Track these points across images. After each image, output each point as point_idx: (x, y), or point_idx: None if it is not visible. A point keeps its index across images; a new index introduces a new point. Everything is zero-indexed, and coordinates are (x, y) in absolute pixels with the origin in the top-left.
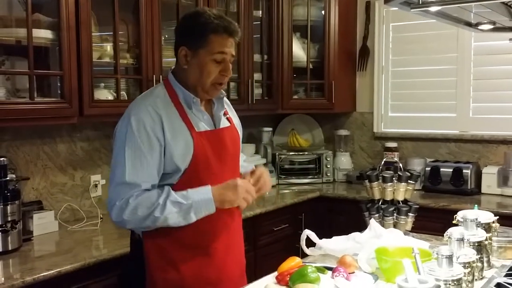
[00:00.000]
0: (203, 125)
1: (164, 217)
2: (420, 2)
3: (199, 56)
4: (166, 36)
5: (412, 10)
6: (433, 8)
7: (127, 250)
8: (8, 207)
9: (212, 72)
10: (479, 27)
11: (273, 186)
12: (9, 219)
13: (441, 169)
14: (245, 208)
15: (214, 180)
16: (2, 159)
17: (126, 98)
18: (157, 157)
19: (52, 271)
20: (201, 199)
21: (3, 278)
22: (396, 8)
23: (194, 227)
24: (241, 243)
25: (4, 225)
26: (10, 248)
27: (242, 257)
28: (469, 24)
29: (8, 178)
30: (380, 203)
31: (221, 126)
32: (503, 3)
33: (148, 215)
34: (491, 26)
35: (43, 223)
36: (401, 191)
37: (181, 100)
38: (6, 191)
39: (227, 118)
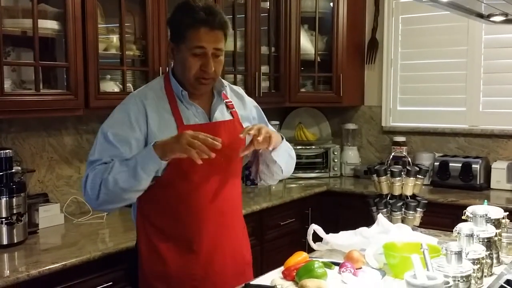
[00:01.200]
0: (194, 119)
1: (114, 179)
2: None
3: (181, 51)
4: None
5: (424, 0)
6: None
7: (133, 243)
8: (14, 200)
9: (192, 67)
10: (491, 19)
11: (280, 180)
12: (15, 211)
13: (450, 164)
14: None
15: (201, 175)
16: (7, 151)
17: (132, 90)
18: (133, 144)
19: (58, 264)
20: (144, 153)
21: (8, 271)
22: (407, 0)
23: (178, 219)
24: (239, 241)
25: (9, 218)
26: (15, 241)
27: (239, 256)
28: (480, 16)
29: (13, 171)
30: (388, 198)
31: (219, 120)
32: None
33: (100, 182)
34: (503, 18)
35: (49, 216)
36: (409, 186)
37: (174, 93)
38: (11, 184)
39: (231, 112)
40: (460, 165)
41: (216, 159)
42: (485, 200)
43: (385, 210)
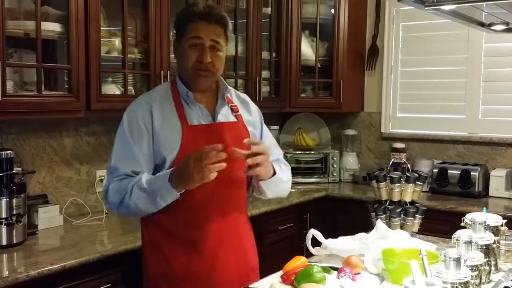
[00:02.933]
0: (198, 120)
1: (134, 203)
2: (434, 0)
3: (181, 45)
4: (175, 31)
5: (426, 8)
6: (447, 7)
7: (132, 245)
8: (14, 200)
9: (189, 58)
10: (492, 28)
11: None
12: (14, 212)
13: (449, 171)
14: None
15: None
16: (8, 152)
17: (134, 93)
18: (144, 144)
19: (57, 266)
20: (161, 186)
21: (7, 272)
22: (407, 7)
23: (183, 220)
24: (243, 244)
25: (9, 218)
26: (14, 242)
27: (243, 260)
28: (481, 24)
29: (14, 171)
30: (387, 204)
31: (222, 121)
32: None
33: (121, 201)
34: (504, 27)
35: (48, 217)
36: (408, 192)
37: (181, 95)
38: (11, 184)
39: (236, 115)
40: (459, 172)
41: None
42: (484, 208)
43: (384, 216)
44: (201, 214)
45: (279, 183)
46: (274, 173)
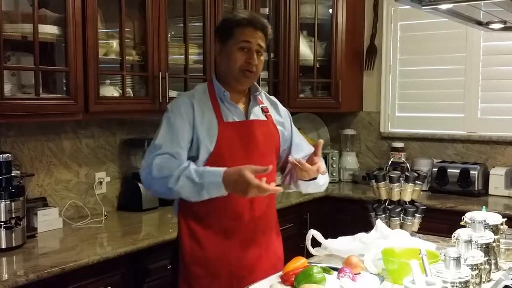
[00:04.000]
0: (232, 117)
1: (177, 190)
2: (431, 0)
3: (227, 47)
4: (173, 33)
5: (423, 7)
6: (444, 6)
7: (131, 248)
8: (13, 204)
9: (238, 60)
10: (490, 26)
11: (277, 185)
12: (14, 215)
13: (448, 170)
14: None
15: None
16: (6, 155)
17: (132, 95)
18: (187, 130)
19: (56, 268)
20: (212, 182)
21: (6, 275)
22: (405, 7)
23: (218, 210)
24: (273, 236)
25: (8, 222)
26: (14, 245)
27: (272, 250)
28: (479, 23)
29: (12, 175)
30: (386, 203)
31: (254, 119)
32: None
33: (164, 183)
34: (501, 25)
35: (47, 220)
36: (408, 191)
37: (216, 95)
38: (10, 187)
39: (266, 115)
40: (458, 171)
41: (257, 155)
42: (484, 206)
43: (383, 215)
44: (238, 204)
45: (315, 186)
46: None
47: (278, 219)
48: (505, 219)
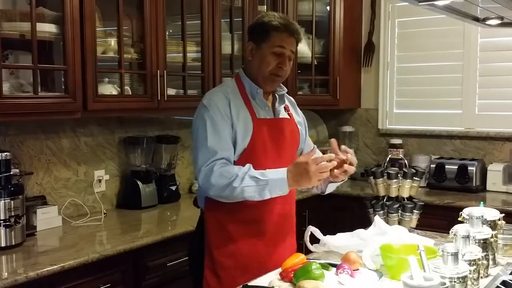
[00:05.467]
0: (263, 114)
1: (241, 188)
2: None
3: (261, 49)
4: (171, 31)
5: (420, 4)
6: (441, 2)
7: (130, 245)
8: (12, 202)
9: (270, 63)
10: (487, 22)
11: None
12: (13, 213)
13: (446, 166)
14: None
15: (270, 163)
16: (5, 153)
17: (130, 93)
18: (229, 129)
19: (56, 266)
20: (277, 178)
21: (6, 273)
22: (402, 3)
23: (248, 205)
24: (293, 229)
25: (7, 220)
26: (13, 243)
27: (293, 242)
28: (476, 19)
29: (12, 173)
30: (385, 200)
31: (281, 117)
32: None
33: (227, 184)
34: (498, 21)
35: (47, 218)
36: (406, 188)
37: (247, 91)
38: (10, 186)
39: (288, 114)
40: (456, 167)
41: (285, 152)
42: (481, 202)
43: (381, 212)
44: (266, 201)
45: (337, 185)
46: None
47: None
48: (503, 214)
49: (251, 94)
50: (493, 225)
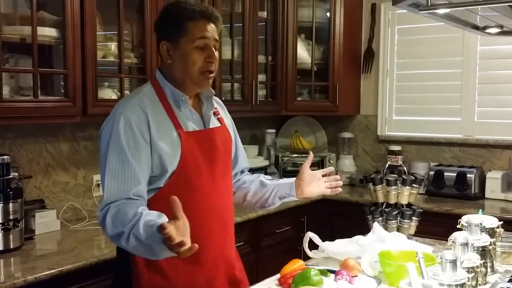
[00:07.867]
0: (191, 125)
1: (132, 251)
2: (429, 4)
3: (180, 47)
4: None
5: (420, 12)
6: (441, 11)
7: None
8: (10, 206)
9: (197, 61)
10: (486, 31)
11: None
12: (11, 217)
13: (445, 173)
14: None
15: (205, 184)
16: (4, 157)
17: None
18: (143, 159)
19: (54, 270)
20: (156, 245)
21: (3, 277)
22: (402, 11)
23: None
24: (235, 249)
25: (6, 224)
26: (11, 247)
27: (238, 264)
28: (476, 27)
29: (10, 176)
30: (383, 206)
31: (211, 126)
32: (511, 6)
33: (118, 237)
34: (498, 30)
35: (45, 222)
36: (405, 194)
37: (168, 98)
38: (8, 189)
39: (218, 119)
40: (455, 174)
41: (219, 167)
42: (480, 210)
43: (380, 218)
44: (205, 224)
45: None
46: None
47: (241, 229)
48: (501, 222)
49: (174, 102)
50: (491, 232)
